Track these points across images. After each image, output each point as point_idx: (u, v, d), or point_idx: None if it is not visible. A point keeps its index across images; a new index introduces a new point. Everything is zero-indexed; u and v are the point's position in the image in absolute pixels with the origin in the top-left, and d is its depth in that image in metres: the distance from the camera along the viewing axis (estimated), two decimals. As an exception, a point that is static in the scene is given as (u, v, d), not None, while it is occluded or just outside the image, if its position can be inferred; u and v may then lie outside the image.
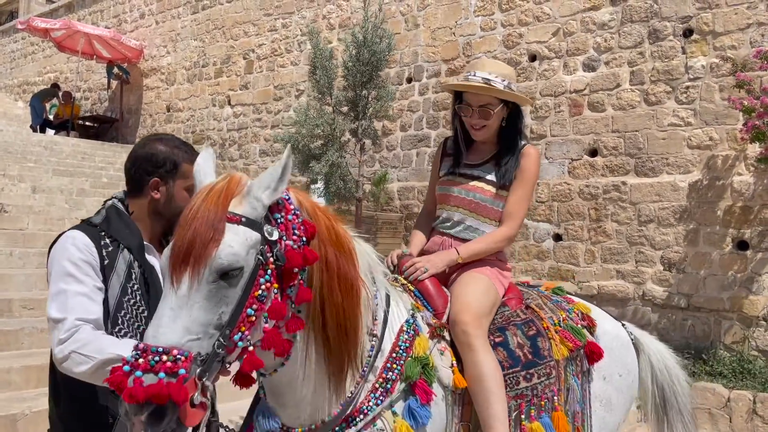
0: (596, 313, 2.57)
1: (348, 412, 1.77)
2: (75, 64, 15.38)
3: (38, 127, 14.26)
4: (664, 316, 6.88)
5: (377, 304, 1.89)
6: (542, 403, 2.17)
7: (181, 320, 1.40)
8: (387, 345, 1.88)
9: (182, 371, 1.34)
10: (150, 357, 1.35)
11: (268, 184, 1.55)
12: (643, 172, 7.09)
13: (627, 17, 7.33)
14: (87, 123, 14.52)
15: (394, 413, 1.81)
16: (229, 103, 11.95)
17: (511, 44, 8.28)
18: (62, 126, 14.25)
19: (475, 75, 2.34)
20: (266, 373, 1.72)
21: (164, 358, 1.34)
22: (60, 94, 14.86)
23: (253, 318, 1.48)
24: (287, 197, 1.65)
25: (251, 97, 11.59)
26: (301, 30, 10.83)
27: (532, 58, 8.11)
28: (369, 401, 1.79)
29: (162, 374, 1.33)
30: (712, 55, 6.72)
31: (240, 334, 1.46)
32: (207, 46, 12.47)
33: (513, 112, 2.41)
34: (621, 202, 7.20)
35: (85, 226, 1.97)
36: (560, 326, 2.33)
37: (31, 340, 4.17)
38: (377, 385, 1.82)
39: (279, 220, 1.59)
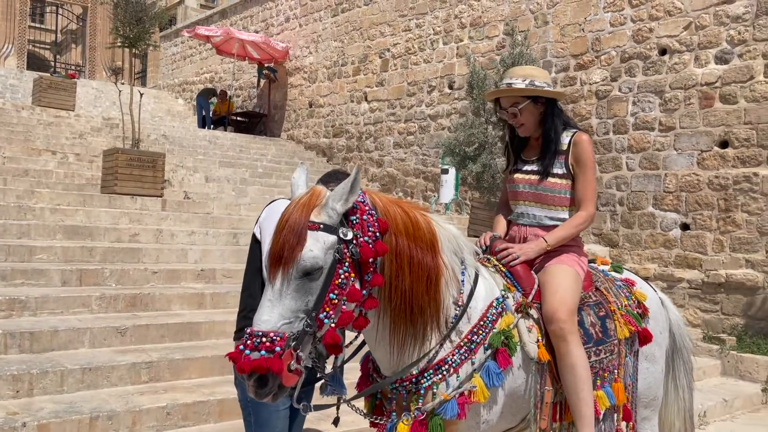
0: (640, 284, 2.92)
1: (434, 362, 2.12)
2: (228, 65, 17.20)
3: (203, 123, 16.11)
4: (796, 306, 6.96)
5: (463, 281, 2.21)
6: (605, 375, 2.54)
7: (276, 309, 1.77)
8: (474, 315, 2.20)
9: (278, 349, 1.73)
10: (254, 339, 1.74)
11: (340, 196, 1.89)
12: (776, 164, 7.16)
13: (762, 10, 7.38)
14: (239, 118, 16.25)
15: (475, 370, 2.15)
16: (366, 99, 13.00)
17: (641, 39, 8.53)
18: (219, 122, 16.07)
19: (502, 82, 2.69)
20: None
21: (264, 339, 1.74)
22: (217, 92, 16.70)
23: (336, 301, 1.83)
24: (362, 200, 1.96)
25: (386, 94, 12.55)
26: (434, 29, 11.59)
27: (662, 51, 8.32)
28: (453, 355, 2.14)
29: (263, 352, 1.72)
30: None
31: (325, 313, 1.82)
32: (346, 47, 13.58)
33: (550, 106, 2.65)
34: (752, 192, 7.32)
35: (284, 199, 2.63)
36: (623, 311, 2.68)
37: (235, 301, 5.29)
38: (462, 344, 2.15)
39: (355, 221, 1.91)
